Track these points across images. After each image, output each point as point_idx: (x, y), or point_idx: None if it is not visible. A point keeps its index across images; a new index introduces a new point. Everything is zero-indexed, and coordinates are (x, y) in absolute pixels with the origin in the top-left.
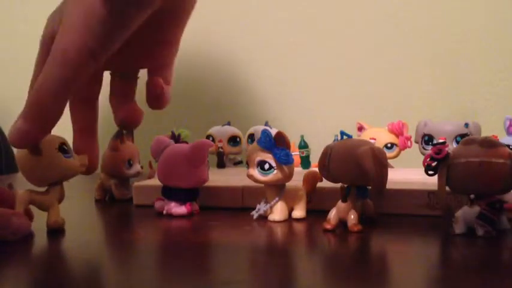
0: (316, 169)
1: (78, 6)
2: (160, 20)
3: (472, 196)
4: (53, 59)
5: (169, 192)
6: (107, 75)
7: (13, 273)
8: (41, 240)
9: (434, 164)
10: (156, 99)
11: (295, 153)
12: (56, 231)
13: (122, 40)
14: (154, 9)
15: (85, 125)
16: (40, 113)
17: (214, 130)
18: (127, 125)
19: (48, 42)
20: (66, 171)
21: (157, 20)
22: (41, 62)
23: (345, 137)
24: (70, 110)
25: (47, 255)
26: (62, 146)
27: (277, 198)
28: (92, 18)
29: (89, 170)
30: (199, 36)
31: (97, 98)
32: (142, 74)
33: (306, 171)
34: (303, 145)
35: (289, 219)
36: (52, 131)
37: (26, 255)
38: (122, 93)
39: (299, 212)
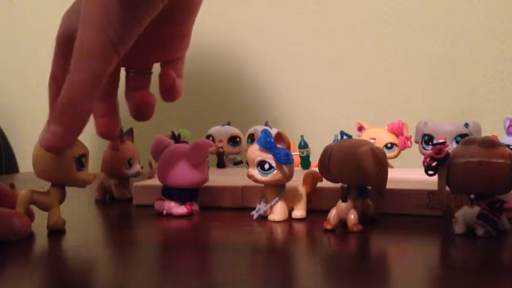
0: (316, 169)
1: (94, 3)
2: (170, 14)
3: (472, 196)
4: (80, 55)
5: (169, 192)
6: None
7: (13, 274)
8: (41, 240)
9: (434, 164)
10: (169, 91)
11: (295, 153)
12: (56, 232)
13: (139, 32)
14: (165, 4)
15: (108, 111)
16: (74, 112)
17: (214, 130)
18: (141, 110)
19: (63, 40)
20: (70, 182)
21: (167, 14)
22: (57, 60)
23: (345, 137)
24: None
25: (47, 255)
26: (81, 158)
27: (277, 198)
28: (109, 12)
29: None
30: (199, 36)
31: (116, 93)
32: (155, 69)
33: (306, 171)
34: (303, 145)
35: (289, 219)
36: None
37: (27, 256)
38: (137, 89)
39: (299, 212)
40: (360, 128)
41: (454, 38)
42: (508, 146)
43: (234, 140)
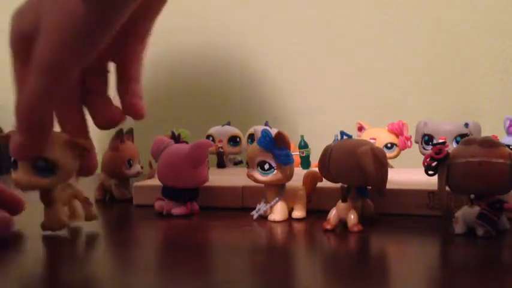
0: (316, 169)
1: (56, 8)
2: (136, 12)
3: (472, 196)
4: (38, 70)
5: (169, 192)
6: None
7: (13, 273)
8: (41, 240)
9: (434, 164)
10: (130, 113)
11: (295, 153)
12: (55, 232)
13: (108, 39)
14: (138, 3)
15: (76, 125)
16: (30, 124)
17: (214, 130)
18: (105, 127)
19: (20, 44)
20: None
21: (133, 12)
22: (18, 67)
23: (344, 137)
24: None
25: (47, 255)
26: (37, 163)
27: (277, 198)
28: (74, 20)
29: (89, 171)
30: (199, 37)
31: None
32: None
33: (306, 171)
34: (303, 145)
35: (289, 219)
36: None
37: (26, 256)
38: (95, 91)
39: (299, 212)
40: (360, 128)
41: (454, 38)
42: (508, 146)
43: (234, 140)
